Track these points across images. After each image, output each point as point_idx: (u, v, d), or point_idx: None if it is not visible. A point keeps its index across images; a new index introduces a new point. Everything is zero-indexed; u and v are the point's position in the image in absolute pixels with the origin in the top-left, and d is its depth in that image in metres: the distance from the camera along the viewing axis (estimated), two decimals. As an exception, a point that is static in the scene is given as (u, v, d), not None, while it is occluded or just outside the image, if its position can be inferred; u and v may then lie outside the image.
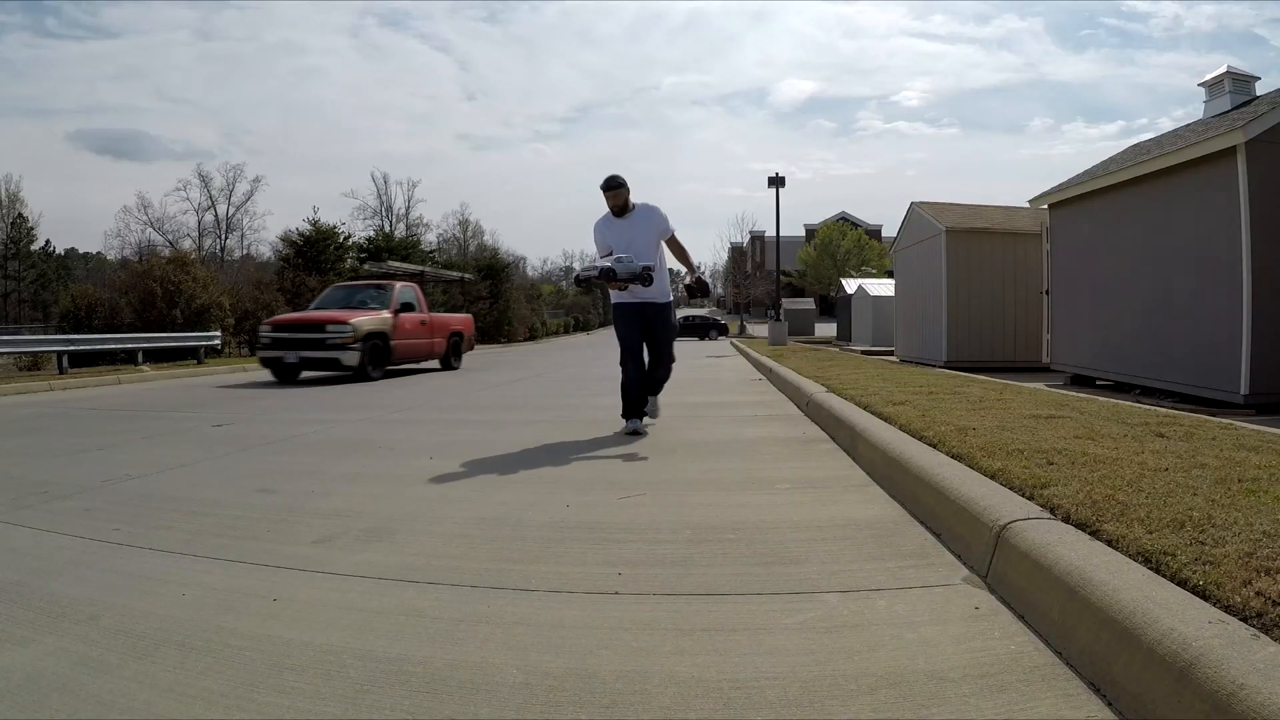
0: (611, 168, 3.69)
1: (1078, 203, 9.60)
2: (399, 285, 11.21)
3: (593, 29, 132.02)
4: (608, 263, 4.52)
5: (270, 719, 1.30)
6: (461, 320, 13.37)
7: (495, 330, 35.31)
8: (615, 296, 4.73)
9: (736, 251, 64.86)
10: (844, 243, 44.73)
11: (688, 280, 5.32)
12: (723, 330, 37.64)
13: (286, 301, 22.21)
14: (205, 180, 42.07)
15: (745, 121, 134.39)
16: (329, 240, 26.02)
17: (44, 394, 8.99)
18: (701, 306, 51.42)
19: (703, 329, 36.52)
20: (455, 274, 25.17)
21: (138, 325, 16.93)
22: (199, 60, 74.73)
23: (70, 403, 7.67)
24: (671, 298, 4.95)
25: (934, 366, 11.19)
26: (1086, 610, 1.40)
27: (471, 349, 13.52)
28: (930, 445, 2.99)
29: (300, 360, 9.56)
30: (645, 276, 4.50)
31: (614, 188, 4.60)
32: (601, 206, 4.68)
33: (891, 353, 15.83)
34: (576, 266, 79.73)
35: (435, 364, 12.13)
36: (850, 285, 26.06)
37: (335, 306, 10.56)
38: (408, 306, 10.77)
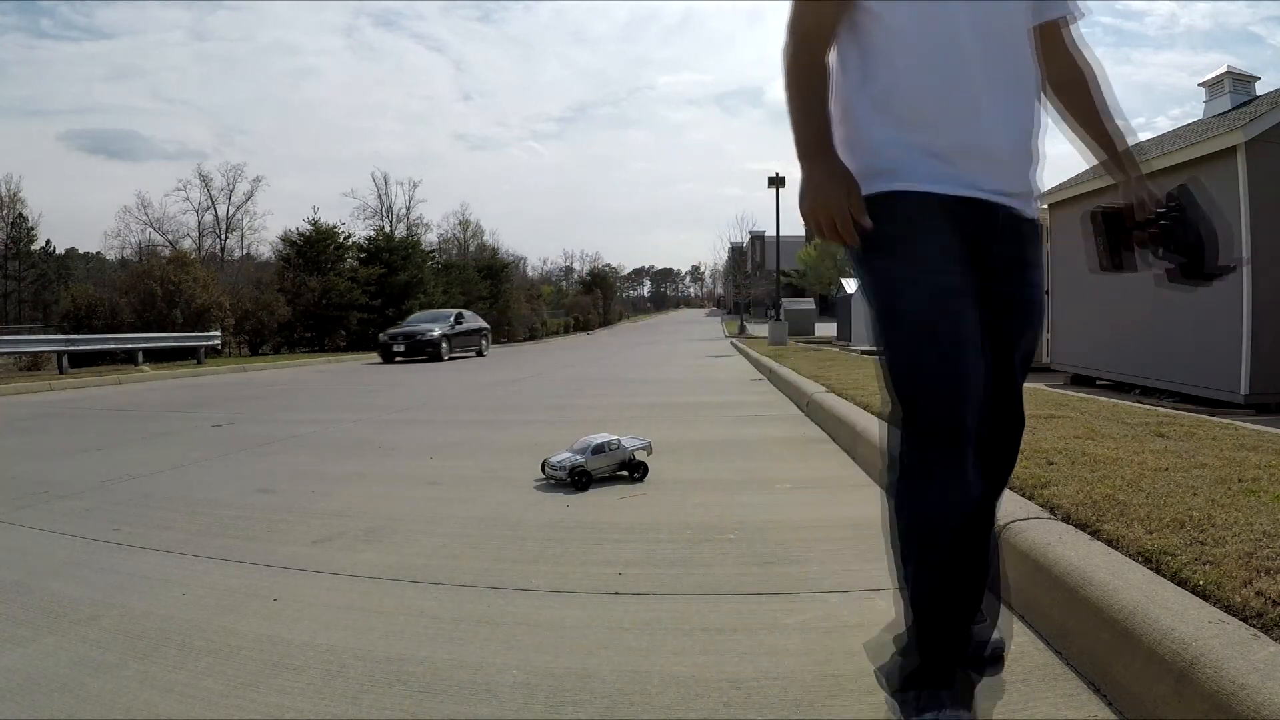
0: (608, 167, 3.09)
1: (1078, 202, 9.60)
2: None
3: (587, 29, 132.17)
4: (580, 457, 3.01)
5: (270, 719, 1.30)
6: None
7: (495, 330, 35.33)
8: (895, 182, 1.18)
9: (736, 251, 64.88)
10: (844, 243, 44.49)
11: (1135, 198, 1.27)
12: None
13: (287, 302, 22.27)
14: (205, 180, 41.84)
15: (741, 120, 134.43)
16: (329, 240, 26.04)
17: (44, 394, 9.00)
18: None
19: None
20: None
21: (138, 325, 16.96)
22: (193, 61, 74.87)
23: (70, 403, 7.67)
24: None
25: (934, 366, 11.17)
26: (1086, 610, 1.40)
27: None
28: (930, 445, 2.98)
29: None
30: (636, 466, 3.11)
31: None
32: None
33: (891, 353, 15.77)
34: (577, 266, 78.48)
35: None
36: (850, 285, 25.99)
37: None
38: None
